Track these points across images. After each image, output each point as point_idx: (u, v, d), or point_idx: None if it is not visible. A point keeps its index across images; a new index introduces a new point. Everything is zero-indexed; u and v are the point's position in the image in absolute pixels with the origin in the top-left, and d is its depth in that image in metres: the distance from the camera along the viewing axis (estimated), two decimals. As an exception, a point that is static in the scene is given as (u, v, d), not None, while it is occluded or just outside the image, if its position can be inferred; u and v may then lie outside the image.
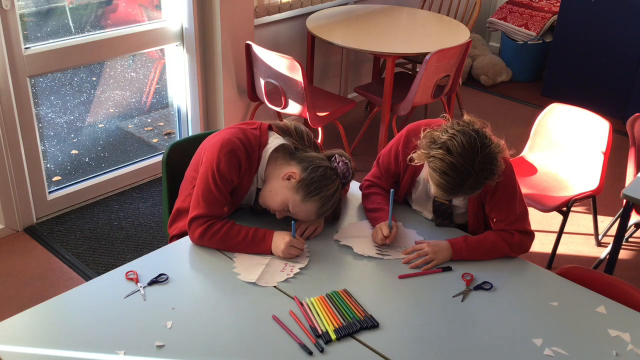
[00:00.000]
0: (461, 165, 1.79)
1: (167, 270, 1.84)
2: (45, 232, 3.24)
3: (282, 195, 1.95)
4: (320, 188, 1.93)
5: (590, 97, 4.80)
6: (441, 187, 1.84)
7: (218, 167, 1.93)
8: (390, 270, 1.91)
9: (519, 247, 2.01)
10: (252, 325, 1.67)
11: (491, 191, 1.99)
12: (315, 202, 1.93)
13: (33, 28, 3.28)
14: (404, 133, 2.09)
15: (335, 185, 1.96)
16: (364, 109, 4.87)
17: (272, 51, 3.48)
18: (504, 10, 5.48)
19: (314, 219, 2.01)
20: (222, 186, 1.94)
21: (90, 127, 3.88)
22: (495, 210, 2.04)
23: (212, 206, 1.95)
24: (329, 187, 1.94)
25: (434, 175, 1.83)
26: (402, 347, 1.62)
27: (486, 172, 1.82)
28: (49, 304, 1.71)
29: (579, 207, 3.66)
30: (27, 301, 2.73)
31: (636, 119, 2.95)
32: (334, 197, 1.96)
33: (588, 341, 1.68)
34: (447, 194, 1.86)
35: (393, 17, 4.35)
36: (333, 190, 1.95)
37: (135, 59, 3.99)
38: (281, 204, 1.96)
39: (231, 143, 1.94)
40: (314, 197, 1.93)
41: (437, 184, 1.84)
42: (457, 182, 1.81)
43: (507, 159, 1.94)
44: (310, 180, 1.93)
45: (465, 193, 1.87)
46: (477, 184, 1.83)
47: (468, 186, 1.83)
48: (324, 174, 1.95)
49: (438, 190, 1.86)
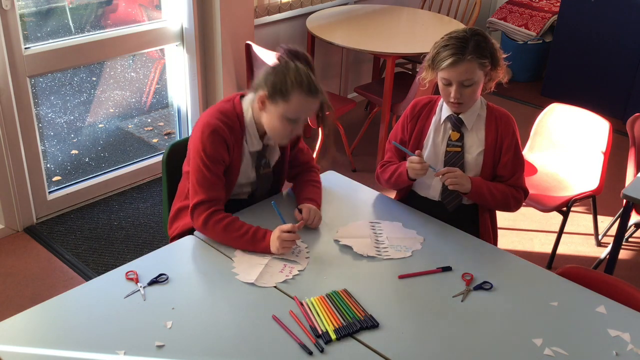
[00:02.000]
0: (457, 33, 2.05)
1: (167, 270, 1.84)
2: (45, 232, 3.24)
3: (273, 117, 1.99)
4: (284, 81, 1.95)
5: (590, 97, 4.80)
6: (448, 54, 2.02)
7: (205, 151, 1.99)
8: (390, 270, 1.91)
9: (519, 203, 2.21)
10: (252, 325, 1.67)
11: (506, 149, 2.15)
12: (295, 92, 1.95)
13: (33, 28, 3.28)
14: (410, 105, 2.27)
15: (292, 66, 1.96)
16: (364, 108, 4.87)
17: (272, 51, 3.48)
18: (504, 10, 5.48)
19: (314, 107, 2.01)
20: (213, 168, 1.99)
21: (90, 127, 3.88)
22: (507, 168, 2.18)
23: (209, 190, 1.99)
24: (289, 73, 1.95)
25: (440, 53, 2.04)
26: (402, 347, 1.62)
27: (482, 38, 2.03)
28: (48, 304, 1.71)
29: (579, 207, 3.66)
30: (27, 301, 2.73)
31: (636, 118, 2.94)
32: (302, 74, 1.96)
33: (588, 341, 1.67)
34: (455, 56, 2.01)
35: (393, 17, 4.35)
36: (294, 70, 1.96)
37: (135, 59, 3.99)
38: (281, 123, 1.99)
39: (211, 125, 2.00)
40: (290, 92, 1.95)
41: (443, 57, 2.03)
42: (459, 44, 2.02)
43: (514, 119, 2.20)
44: (272, 84, 1.96)
45: (472, 54, 2.01)
46: (478, 47, 2.02)
47: (471, 47, 2.01)
48: (276, 70, 1.98)
49: (447, 61, 2.01)
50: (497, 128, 2.16)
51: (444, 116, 2.19)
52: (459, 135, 2.17)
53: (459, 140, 2.17)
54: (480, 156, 2.18)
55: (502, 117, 2.19)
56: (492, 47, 2.07)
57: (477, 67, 2.04)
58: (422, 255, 1.98)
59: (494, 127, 2.17)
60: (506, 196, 2.16)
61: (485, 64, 2.05)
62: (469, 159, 2.18)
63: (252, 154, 2.11)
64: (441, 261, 1.95)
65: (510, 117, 2.20)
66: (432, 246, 2.03)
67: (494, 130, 2.16)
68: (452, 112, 2.17)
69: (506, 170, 2.18)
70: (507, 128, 2.17)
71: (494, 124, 2.17)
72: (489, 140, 2.16)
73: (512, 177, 2.19)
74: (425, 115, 2.23)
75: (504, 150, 2.17)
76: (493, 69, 2.09)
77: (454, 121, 2.17)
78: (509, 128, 2.17)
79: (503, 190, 2.16)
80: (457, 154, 2.18)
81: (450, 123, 2.18)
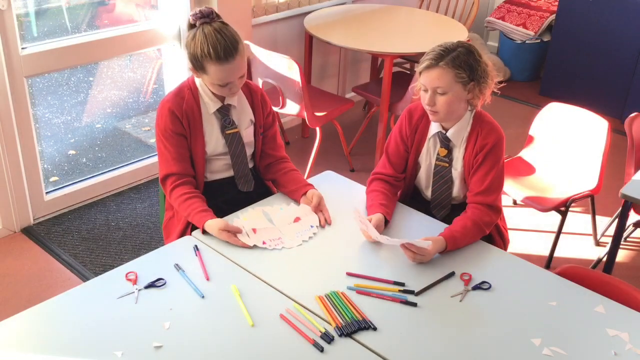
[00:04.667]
0: (446, 44, 2.04)
1: (165, 271, 1.83)
2: (42, 233, 3.23)
3: (207, 83, 2.08)
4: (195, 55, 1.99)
5: (589, 96, 4.80)
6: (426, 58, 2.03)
7: (160, 127, 2.10)
8: (391, 270, 1.90)
9: (490, 226, 2.11)
10: (251, 326, 1.66)
11: (480, 158, 2.09)
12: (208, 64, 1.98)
13: (30, 28, 3.27)
14: (405, 111, 2.24)
15: (199, 36, 1.98)
16: (362, 108, 4.86)
17: (270, 51, 3.48)
18: (502, 10, 5.48)
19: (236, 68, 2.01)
20: (171, 141, 2.09)
21: (87, 128, 3.87)
22: (477, 178, 2.11)
23: (170, 164, 2.10)
24: (197, 45, 1.98)
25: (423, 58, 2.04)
26: (400, 347, 1.62)
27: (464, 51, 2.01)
28: (46, 305, 1.70)
29: (577, 206, 3.66)
30: (24, 302, 2.73)
31: (634, 118, 2.94)
32: (209, 43, 1.96)
33: (587, 341, 1.67)
34: (430, 61, 2.01)
35: (391, 17, 4.34)
36: (201, 41, 1.97)
37: (132, 59, 3.98)
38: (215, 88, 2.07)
39: (162, 104, 2.11)
40: (204, 64, 2.00)
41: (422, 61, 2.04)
42: (440, 52, 2.01)
43: (501, 134, 2.11)
44: (190, 59, 2.02)
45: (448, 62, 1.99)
46: (457, 58, 2.00)
47: (450, 57, 2.00)
48: (188, 43, 2.02)
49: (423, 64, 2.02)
50: (477, 140, 2.11)
51: (432, 132, 2.17)
52: (446, 152, 2.16)
53: (446, 156, 2.17)
54: (462, 168, 2.17)
55: (485, 129, 2.11)
56: (474, 61, 2.02)
57: (452, 77, 2.00)
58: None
59: (474, 139, 2.12)
60: (479, 229, 2.05)
61: (462, 76, 2.00)
62: (455, 174, 2.18)
63: (215, 115, 2.16)
64: (440, 261, 1.95)
65: (494, 129, 2.11)
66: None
67: (473, 142, 2.12)
68: (439, 129, 2.15)
69: (476, 182, 2.11)
70: (485, 140, 2.09)
71: (475, 136, 2.12)
72: (467, 151, 2.13)
73: (477, 191, 2.10)
74: (422, 128, 2.20)
75: (475, 160, 2.11)
76: (477, 85, 2.04)
77: (441, 138, 2.16)
78: (487, 140, 2.08)
79: (472, 227, 2.04)
80: (445, 168, 2.18)
81: (438, 139, 2.17)
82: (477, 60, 2.03)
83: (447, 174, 2.19)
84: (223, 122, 2.15)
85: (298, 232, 2.02)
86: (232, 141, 2.18)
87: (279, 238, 1.99)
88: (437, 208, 2.26)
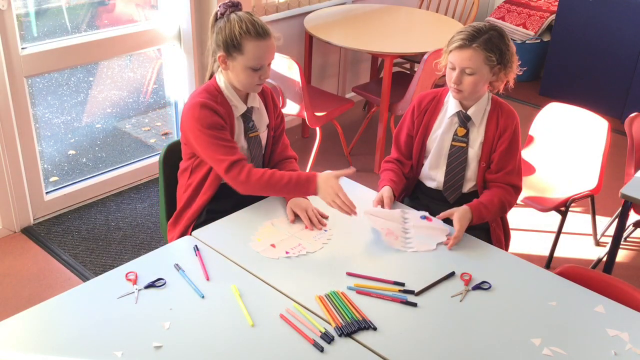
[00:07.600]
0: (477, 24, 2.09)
1: (165, 271, 1.83)
2: (42, 233, 3.23)
3: (238, 71, 2.04)
4: (232, 35, 1.99)
5: (589, 96, 4.80)
6: (458, 38, 2.06)
7: (203, 124, 2.01)
8: (391, 270, 1.90)
9: (511, 205, 2.22)
10: (250, 326, 1.66)
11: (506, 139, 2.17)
12: (245, 41, 1.99)
13: (30, 28, 3.27)
14: (416, 99, 2.30)
15: (234, 17, 2.01)
16: (362, 108, 4.86)
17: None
18: (502, 10, 5.48)
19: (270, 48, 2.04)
20: (220, 134, 2.02)
21: (87, 128, 3.87)
22: (501, 159, 2.19)
23: (231, 152, 2.02)
24: (234, 25, 1.99)
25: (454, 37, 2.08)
26: (400, 347, 1.62)
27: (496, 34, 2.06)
28: (46, 305, 1.70)
29: (577, 206, 3.66)
30: (24, 302, 2.73)
31: (634, 118, 2.94)
32: (246, 21, 2.00)
33: (587, 341, 1.67)
34: (463, 41, 2.05)
35: (391, 17, 4.34)
36: (237, 21, 2.00)
37: (132, 59, 3.98)
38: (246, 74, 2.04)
39: (197, 103, 2.04)
40: (241, 42, 1.99)
41: (454, 40, 2.07)
42: (472, 32, 2.05)
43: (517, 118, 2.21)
44: (224, 42, 2.01)
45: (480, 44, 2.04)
46: (489, 40, 2.05)
47: (482, 38, 2.04)
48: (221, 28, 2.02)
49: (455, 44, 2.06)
50: (498, 121, 2.19)
51: (452, 111, 2.21)
52: (465, 132, 2.19)
53: (465, 136, 2.20)
54: (480, 149, 2.21)
55: (505, 111, 2.21)
56: (504, 46, 2.09)
57: (483, 60, 2.06)
58: (422, 254, 1.98)
59: (495, 120, 2.19)
60: (502, 207, 2.18)
61: (492, 59, 2.07)
62: (471, 153, 2.22)
63: (241, 120, 2.14)
64: (440, 261, 1.95)
65: (513, 112, 2.22)
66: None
67: (495, 123, 2.19)
68: (459, 108, 2.19)
69: (498, 163, 2.20)
70: (507, 121, 2.19)
71: (495, 117, 2.20)
72: (489, 131, 2.19)
73: (503, 172, 2.20)
74: (431, 110, 2.26)
75: (500, 142, 2.19)
76: (502, 69, 2.11)
77: (462, 117, 2.19)
78: (509, 122, 2.19)
79: (498, 204, 2.16)
80: (461, 149, 2.21)
81: (458, 119, 2.20)
82: (506, 45, 2.09)
83: (463, 155, 2.21)
84: (246, 125, 2.15)
85: (315, 236, 2.02)
86: (254, 144, 2.18)
87: (299, 245, 1.98)
88: (450, 190, 2.27)
